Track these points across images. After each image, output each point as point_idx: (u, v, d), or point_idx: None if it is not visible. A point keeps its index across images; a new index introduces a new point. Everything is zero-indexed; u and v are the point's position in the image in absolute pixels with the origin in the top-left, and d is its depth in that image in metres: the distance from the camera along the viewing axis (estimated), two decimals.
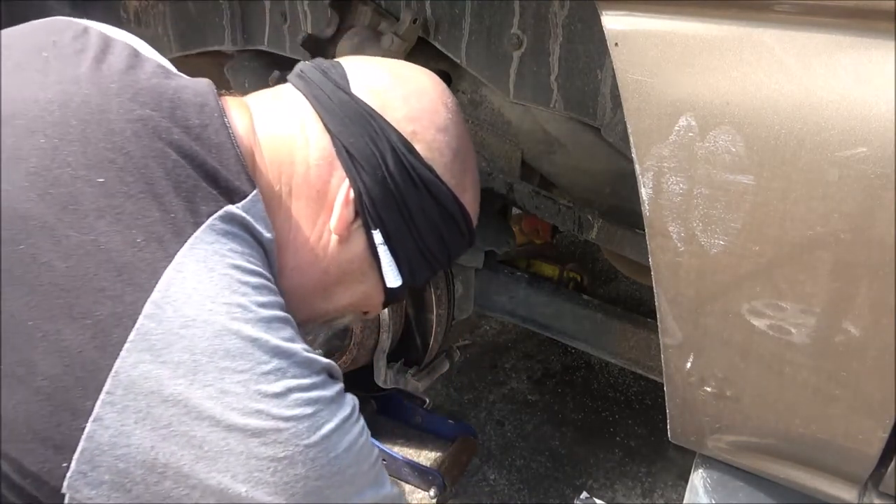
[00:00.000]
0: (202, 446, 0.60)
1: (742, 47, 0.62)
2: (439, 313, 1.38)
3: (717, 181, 0.66)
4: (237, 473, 0.61)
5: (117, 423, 0.58)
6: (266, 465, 0.62)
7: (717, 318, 0.75)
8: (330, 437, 0.66)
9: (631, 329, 1.40)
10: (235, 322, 0.62)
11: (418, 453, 1.75)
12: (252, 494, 0.62)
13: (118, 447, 0.58)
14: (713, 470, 0.94)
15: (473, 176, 0.88)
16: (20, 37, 0.74)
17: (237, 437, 0.61)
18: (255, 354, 0.62)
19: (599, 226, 1.26)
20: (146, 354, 0.58)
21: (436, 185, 0.81)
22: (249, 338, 0.62)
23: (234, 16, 1.48)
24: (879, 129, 0.58)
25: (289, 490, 0.63)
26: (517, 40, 1.08)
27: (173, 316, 0.60)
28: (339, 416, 0.67)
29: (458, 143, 0.84)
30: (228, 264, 0.64)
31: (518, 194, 1.30)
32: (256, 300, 0.65)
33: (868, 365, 0.68)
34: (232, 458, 0.61)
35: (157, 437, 0.59)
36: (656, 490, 1.79)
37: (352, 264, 0.82)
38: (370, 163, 0.77)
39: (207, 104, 0.72)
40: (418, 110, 0.81)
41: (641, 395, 2.11)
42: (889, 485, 0.78)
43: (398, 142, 0.78)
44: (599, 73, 1.03)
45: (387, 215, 0.80)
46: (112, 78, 0.70)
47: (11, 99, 0.66)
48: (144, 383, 0.58)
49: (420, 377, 1.45)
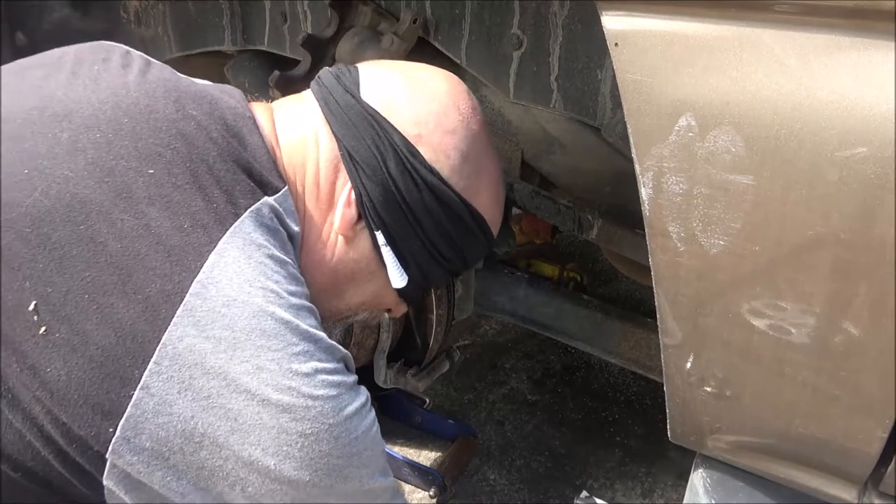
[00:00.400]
0: (237, 419, 0.65)
1: (742, 47, 0.62)
2: (439, 313, 1.38)
3: (717, 181, 0.66)
4: (268, 447, 0.66)
5: (162, 392, 0.63)
6: (295, 440, 0.66)
7: (717, 318, 0.75)
8: (352, 419, 0.70)
9: (631, 329, 1.40)
10: (271, 305, 0.67)
11: (418, 453, 1.75)
12: (280, 468, 0.66)
13: (161, 415, 0.63)
14: (713, 470, 0.94)
15: (490, 179, 0.88)
16: (72, 53, 0.81)
17: (270, 412, 0.65)
18: (287, 336, 0.67)
19: (599, 226, 1.26)
20: (191, 329, 0.64)
21: (440, 188, 0.81)
22: (283, 320, 0.67)
23: (234, 16, 1.48)
24: (879, 129, 0.58)
25: (313, 465, 0.67)
26: (517, 40, 1.08)
27: (216, 295, 0.65)
28: (358, 402, 0.72)
29: (469, 145, 0.84)
30: (264, 253, 0.69)
31: (518, 194, 1.30)
32: (287, 288, 0.70)
33: (868, 365, 0.68)
34: (264, 432, 0.65)
35: (197, 407, 0.64)
36: (656, 490, 1.79)
37: (359, 264, 0.84)
38: (371, 165, 0.79)
39: (239, 107, 0.80)
40: (426, 113, 0.82)
41: (641, 395, 2.11)
42: (889, 485, 0.78)
43: (401, 144, 0.80)
44: (599, 73, 1.03)
45: (389, 217, 0.81)
46: (157, 84, 0.77)
47: (67, 101, 0.72)
48: (189, 356, 0.63)
49: (420, 377, 1.45)
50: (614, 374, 2.20)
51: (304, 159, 0.81)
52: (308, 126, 0.82)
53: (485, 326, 2.40)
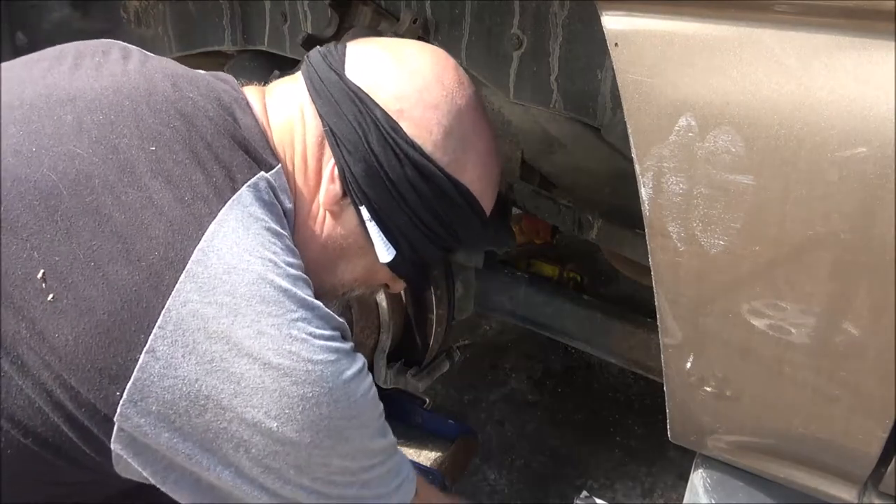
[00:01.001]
0: (240, 382, 0.67)
1: (742, 47, 0.62)
2: (439, 313, 1.38)
3: (716, 181, 0.66)
4: (270, 410, 0.68)
5: (167, 356, 0.65)
6: (296, 403, 0.68)
7: (717, 318, 0.75)
8: (350, 383, 0.73)
9: (631, 329, 1.40)
10: (269, 273, 0.69)
11: (418, 453, 1.75)
12: (282, 430, 0.68)
13: (167, 378, 0.65)
14: (713, 470, 0.94)
15: (479, 155, 0.87)
16: (72, 48, 0.84)
17: (272, 376, 0.67)
18: (285, 303, 0.69)
19: (599, 226, 1.26)
20: (194, 294, 0.66)
21: (422, 162, 0.81)
22: (281, 288, 0.70)
23: (234, 16, 1.48)
24: (879, 129, 0.58)
25: (314, 427, 0.70)
26: (517, 40, 1.08)
27: (217, 263, 0.67)
28: (356, 366, 0.75)
29: (454, 120, 0.83)
30: (262, 226, 0.72)
31: (518, 194, 1.30)
32: (285, 259, 0.72)
33: (868, 365, 0.68)
34: (266, 395, 0.67)
35: (201, 370, 0.66)
36: (656, 490, 1.79)
37: (347, 239, 0.86)
38: (352, 141, 0.80)
39: (232, 90, 0.84)
40: (408, 89, 0.82)
41: (641, 395, 2.11)
42: (889, 485, 0.78)
43: (383, 120, 0.80)
44: (599, 73, 1.03)
45: (373, 192, 0.82)
46: (155, 70, 0.81)
47: (70, 88, 0.76)
48: (192, 320, 0.66)
49: (420, 377, 1.45)
50: (614, 374, 2.20)
51: (293, 138, 0.83)
52: (295, 106, 0.84)
53: (485, 326, 2.40)
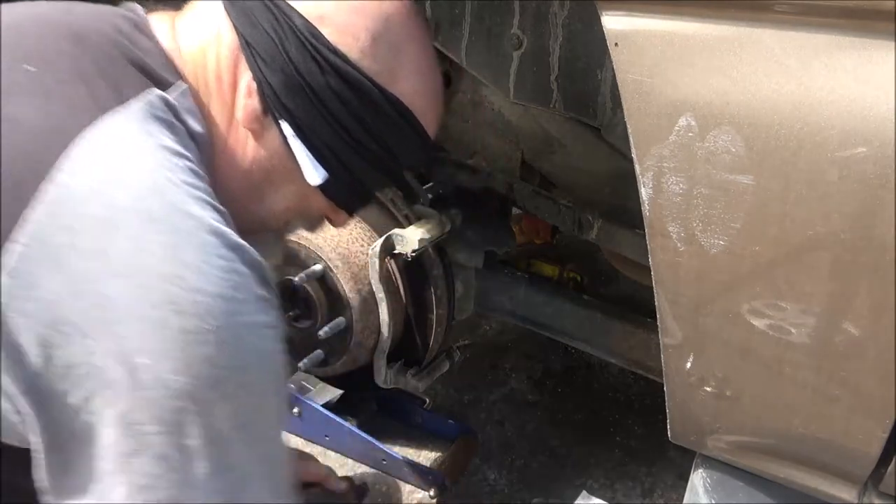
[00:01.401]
0: (112, 307, 0.58)
1: (742, 47, 0.62)
2: (439, 313, 1.38)
3: (716, 181, 0.66)
4: (145, 340, 0.58)
5: (26, 274, 0.58)
6: (175, 335, 0.59)
7: (717, 318, 0.75)
8: (244, 329, 0.63)
9: (631, 329, 1.40)
10: (162, 186, 0.62)
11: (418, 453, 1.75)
12: (156, 368, 0.59)
13: (26, 300, 0.58)
14: (713, 470, 0.94)
15: (415, 65, 0.81)
16: None
17: (151, 301, 0.59)
18: (176, 221, 0.61)
19: (599, 226, 1.26)
20: (61, 207, 0.59)
21: (346, 70, 0.76)
22: (172, 204, 0.62)
23: None
24: (879, 129, 0.58)
25: (193, 370, 0.59)
26: (517, 40, 1.07)
27: (94, 173, 0.61)
28: (260, 317, 0.65)
29: (383, 26, 0.78)
30: (155, 142, 0.65)
31: (518, 194, 1.30)
32: (183, 178, 0.64)
33: (868, 365, 0.68)
34: (141, 324, 0.59)
35: (65, 291, 0.58)
36: (656, 490, 1.79)
37: (272, 161, 0.79)
38: (269, 52, 0.75)
39: (135, 14, 0.78)
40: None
41: (641, 395, 2.11)
42: (889, 485, 0.78)
43: (302, 27, 0.75)
44: (599, 73, 1.03)
45: (294, 105, 0.76)
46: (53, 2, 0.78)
47: None
48: (61, 235, 0.58)
49: (420, 377, 1.45)
50: (614, 374, 2.20)
51: (205, 57, 0.77)
52: (210, 23, 0.79)
53: (485, 326, 2.40)
